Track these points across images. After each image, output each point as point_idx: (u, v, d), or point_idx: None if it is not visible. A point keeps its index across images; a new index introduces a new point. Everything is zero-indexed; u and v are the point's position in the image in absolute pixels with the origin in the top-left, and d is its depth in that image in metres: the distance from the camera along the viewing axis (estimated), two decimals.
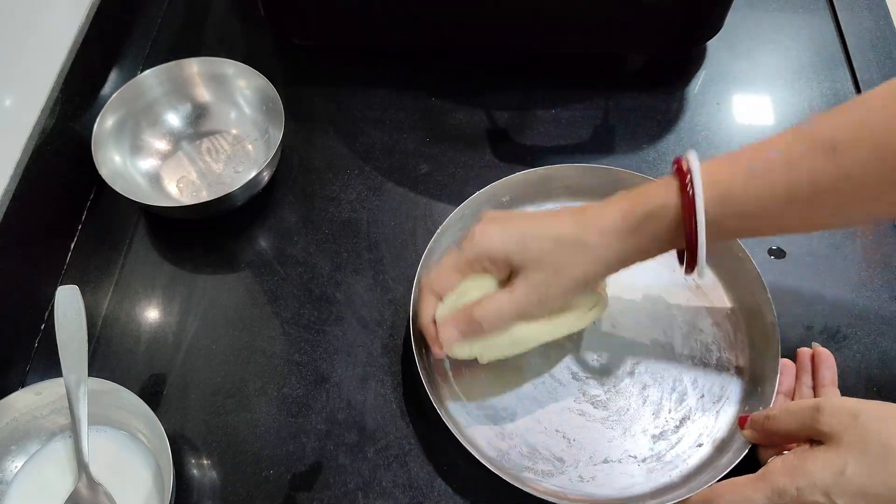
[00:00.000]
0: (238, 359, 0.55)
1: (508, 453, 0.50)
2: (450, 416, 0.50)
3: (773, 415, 0.46)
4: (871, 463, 0.38)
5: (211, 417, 0.53)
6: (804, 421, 0.42)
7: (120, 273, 0.59)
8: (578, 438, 0.51)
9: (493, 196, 0.58)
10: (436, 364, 0.53)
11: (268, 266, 0.60)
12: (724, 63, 0.71)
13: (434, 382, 0.52)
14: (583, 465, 0.50)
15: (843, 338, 0.55)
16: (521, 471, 0.49)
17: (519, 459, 0.50)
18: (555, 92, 0.68)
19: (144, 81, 0.63)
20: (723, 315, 0.55)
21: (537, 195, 0.60)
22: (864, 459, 0.38)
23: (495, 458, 0.50)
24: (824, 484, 0.39)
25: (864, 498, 0.38)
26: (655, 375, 0.53)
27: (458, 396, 0.52)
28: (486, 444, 0.50)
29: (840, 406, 0.41)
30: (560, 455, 0.50)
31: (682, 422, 0.51)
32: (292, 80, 0.69)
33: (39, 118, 0.58)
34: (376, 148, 0.66)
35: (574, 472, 0.49)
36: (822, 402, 0.42)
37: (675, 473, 0.49)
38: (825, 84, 0.68)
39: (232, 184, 0.60)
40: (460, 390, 0.52)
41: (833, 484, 0.39)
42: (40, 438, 0.50)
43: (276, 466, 0.51)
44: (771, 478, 0.41)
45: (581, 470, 0.50)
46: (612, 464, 0.50)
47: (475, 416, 0.51)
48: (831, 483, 0.39)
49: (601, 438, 0.51)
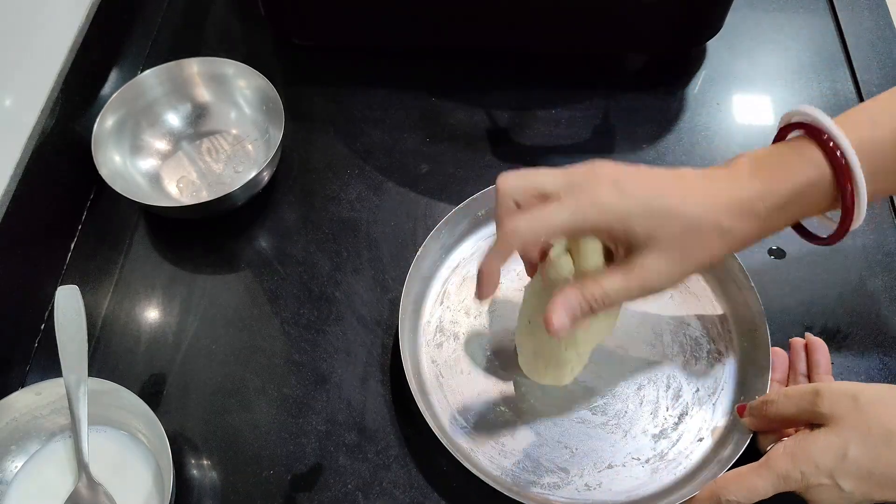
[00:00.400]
0: (238, 359, 0.55)
1: (512, 470, 0.50)
2: (450, 441, 0.49)
3: (771, 399, 0.45)
4: (874, 444, 0.38)
5: (211, 417, 0.53)
6: (803, 405, 0.42)
7: (120, 273, 0.59)
8: (581, 447, 0.51)
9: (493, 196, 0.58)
10: (427, 377, 0.53)
11: (268, 266, 0.60)
12: (724, 63, 0.71)
13: (429, 403, 0.52)
14: (588, 473, 0.50)
15: (843, 338, 0.55)
16: (528, 486, 0.49)
17: (524, 475, 0.49)
18: (555, 92, 0.68)
19: (144, 81, 0.63)
20: (708, 306, 0.56)
21: None
22: (866, 441, 0.38)
23: (500, 477, 0.49)
24: (827, 467, 0.39)
25: (868, 479, 0.38)
26: (649, 375, 0.53)
27: (454, 415, 0.52)
28: (489, 463, 0.50)
29: (839, 389, 0.41)
30: (564, 465, 0.50)
31: (680, 418, 0.51)
32: (292, 80, 0.69)
33: (39, 118, 0.58)
34: (376, 148, 0.66)
35: (580, 481, 0.49)
36: (821, 386, 0.42)
37: (679, 470, 0.49)
38: (825, 84, 0.68)
39: (232, 184, 0.60)
40: (456, 409, 0.52)
41: (836, 467, 0.39)
42: (40, 438, 0.50)
43: (276, 466, 0.51)
44: (774, 464, 0.41)
45: (587, 478, 0.49)
46: (617, 468, 0.50)
47: (472, 435, 0.51)
48: (834, 466, 0.39)
49: (603, 444, 0.51)
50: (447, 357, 0.54)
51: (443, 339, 0.55)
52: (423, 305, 0.56)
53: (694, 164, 0.58)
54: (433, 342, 0.55)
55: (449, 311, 0.56)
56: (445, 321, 0.55)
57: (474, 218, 0.58)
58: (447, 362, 0.54)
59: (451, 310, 0.56)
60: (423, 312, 0.56)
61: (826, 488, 0.39)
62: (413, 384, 0.50)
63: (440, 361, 0.54)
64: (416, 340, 0.55)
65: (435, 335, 0.55)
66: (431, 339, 0.55)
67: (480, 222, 0.59)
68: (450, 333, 0.55)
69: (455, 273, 0.57)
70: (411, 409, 0.51)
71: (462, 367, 0.54)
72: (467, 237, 0.59)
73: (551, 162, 0.63)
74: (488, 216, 0.59)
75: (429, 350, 0.54)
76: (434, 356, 0.54)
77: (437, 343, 0.55)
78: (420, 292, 0.56)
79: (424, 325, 0.55)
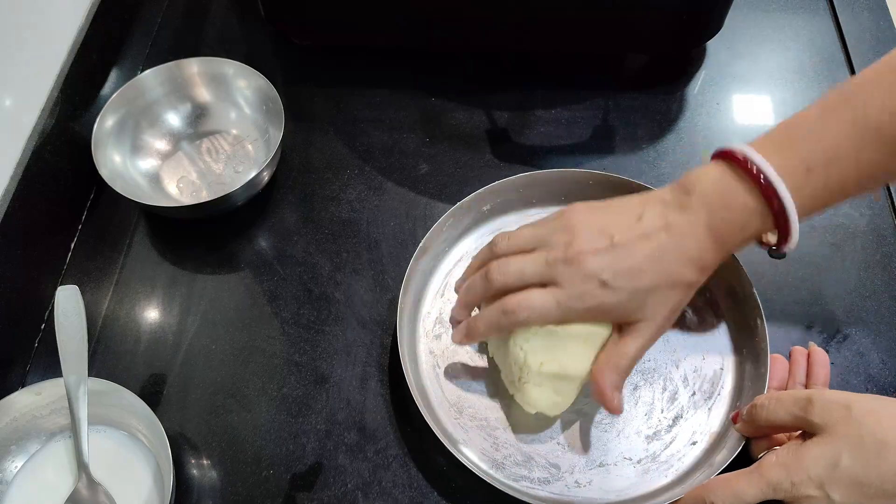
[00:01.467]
0: (238, 359, 0.55)
1: (503, 463, 0.50)
2: (444, 432, 0.49)
3: (762, 404, 0.45)
4: (866, 455, 0.38)
5: (211, 417, 0.53)
6: (795, 412, 0.42)
7: (120, 273, 0.59)
8: (573, 443, 0.51)
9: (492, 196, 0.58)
10: (424, 368, 0.53)
11: (268, 266, 0.60)
12: (724, 63, 0.71)
13: (426, 397, 0.52)
14: (578, 471, 0.50)
15: (843, 338, 0.55)
16: (518, 480, 0.49)
17: (515, 468, 0.50)
18: (555, 92, 0.68)
19: (144, 81, 0.63)
20: (707, 309, 0.55)
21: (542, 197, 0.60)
22: (858, 452, 0.38)
23: (491, 470, 0.49)
24: (818, 477, 0.39)
25: (859, 489, 0.38)
26: (646, 375, 0.53)
27: (449, 408, 0.52)
28: (481, 456, 0.50)
29: (832, 398, 0.41)
30: (555, 461, 0.50)
31: (675, 421, 0.51)
32: (292, 80, 0.69)
33: (39, 118, 0.58)
34: (376, 148, 0.66)
35: (570, 478, 0.49)
36: (814, 394, 0.42)
37: (670, 473, 0.49)
38: (825, 84, 0.68)
39: (232, 184, 0.60)
40: (451, 400, 0.52)
41: (827, 476, 0.39)
42: (40, 438, 0.50)
43: (275, 466, 0.51)
44: (765, 472, 0.41)
45: (577, 475, 0.49)
46: (608, 467, 0.50)
47: (467, 427, 0.51)
48: (825, 476, 0.39)
49: (596, 442, 0.51)
50: (445, 348, 0.54)
51: (441, 330, 0.55)
52: (423, 297, 0.56)
53: (694, 164, 0.58)
54: (432, 333, 0.55)
55: (449, 303, 0.56)
56: (445, 313, 0.56)
57: (479, 213, 0.59)
58: (445, 354, 0.54)
59: (451, 302, 0.56)
60: (423, 304, 0.56)
61: (815, 500, 0.39)
62: (409, 372, 0.50)
63: (438, 352, 0.54)
64: (416, 331, 0.55)
65: (434, 326, 0.55)
66: (430, 330, 0.55)
67: (485, 217, 0.59)
68: (449, 325, 0.55)
69: (458, 266, 0.57)
70: (410, 410, 0.51)
71: (459, 359, 0.54)
72: (471, 232, 0.59)
73: (552, 162, 0.63)
74: (493, 212, 0.59)
75: (427, 341, 0.55)
76: (432, 347, 0.54)
77: (435, 334, 0.55)
78: (421, 283, 0.56)
79: (424, 315, 0.56)
